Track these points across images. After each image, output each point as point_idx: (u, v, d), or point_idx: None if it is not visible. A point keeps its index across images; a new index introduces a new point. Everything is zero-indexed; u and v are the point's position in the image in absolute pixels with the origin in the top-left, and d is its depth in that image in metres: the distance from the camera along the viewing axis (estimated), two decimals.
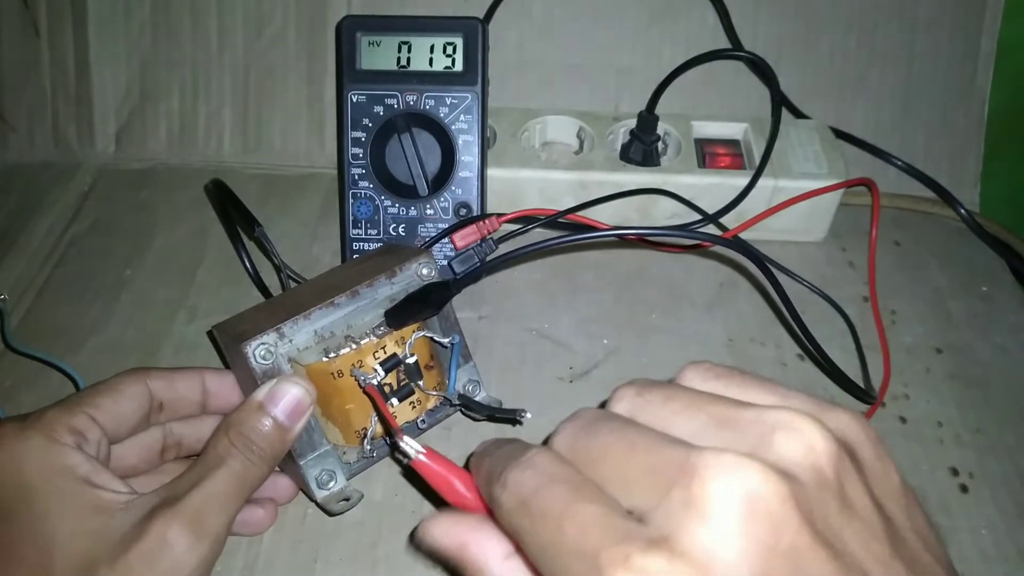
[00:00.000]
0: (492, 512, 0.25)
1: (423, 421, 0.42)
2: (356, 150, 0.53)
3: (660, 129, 0.59)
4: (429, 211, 0.53)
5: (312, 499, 0.40)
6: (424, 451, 0.35)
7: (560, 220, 0.52)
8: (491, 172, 0.54)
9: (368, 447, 0.41)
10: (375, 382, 0.38)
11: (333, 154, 0.64)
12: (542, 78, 0.65)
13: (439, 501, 0.36)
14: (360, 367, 0.39)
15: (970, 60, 0.64)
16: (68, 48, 0.64)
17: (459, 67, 0.53)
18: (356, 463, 0.42)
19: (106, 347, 0.51)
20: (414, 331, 0.41)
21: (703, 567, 0.20)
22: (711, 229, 0.56)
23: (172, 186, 0.63)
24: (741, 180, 0.56)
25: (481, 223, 0.50)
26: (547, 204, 0.56)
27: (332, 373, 0.39)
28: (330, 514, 0.41)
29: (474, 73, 0.52)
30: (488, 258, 0.49)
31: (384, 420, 0.39)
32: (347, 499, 0.40)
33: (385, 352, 0.40)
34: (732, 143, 0.60)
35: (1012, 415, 0.49)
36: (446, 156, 0.53)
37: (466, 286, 0.40)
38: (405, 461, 0.31)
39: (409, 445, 0.35)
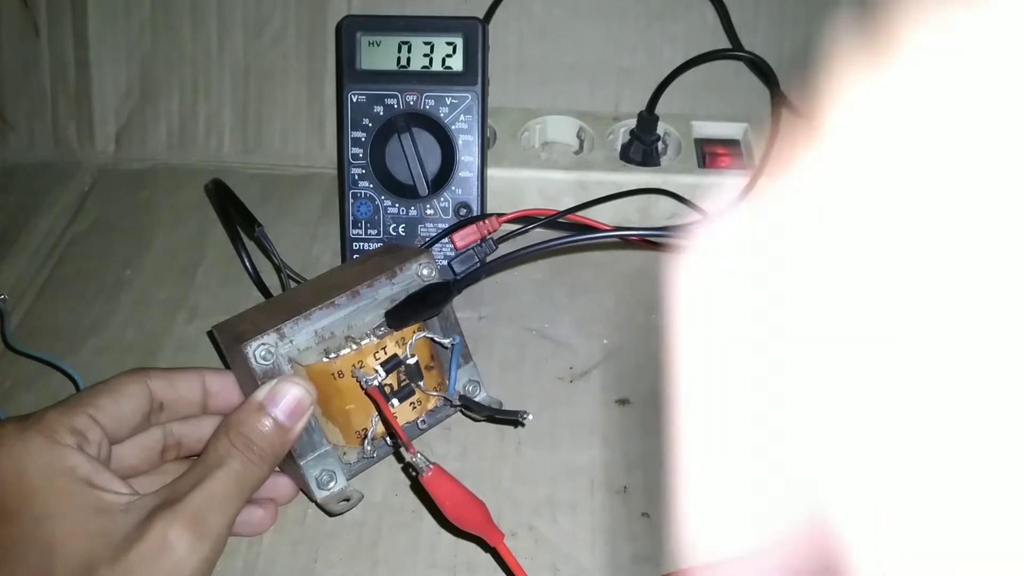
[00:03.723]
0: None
1: (423, 422, 0.42)
2: (356, 150, 0.53)
3: (660, 129, 0.59)
4: (429, 211, 0.53)
5: (312, 499, 0.40)
6: (433, 467, 0.35)
7: (560, 220, 0.52)
8: (491, 172, 0.54)
9: (368, 447, 0.41)
10: (376, 383, 0.38)
11: (333, 154, 0.64)
12: (542, 78, 0.65)
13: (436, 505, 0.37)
14: (361, 368, 0.39)
15: None
16: (68, 48, 0.64)
17: (459, 67, 0.53)
18: (356, 463, 0.42)
19: (106, 347, 0.51)
20: (415, 332, 0.41)
21: None
22: None
23: (172, 186, 0.63)
24: (741, 180, 0.56)
25: (481, 223, 0.50)
26: (547, 204, 0.56)
27: (332, 374, 0.39)
28: (330, 514, 0.41)
29: (474, 73, 0.52)
30: (488, 259, 0.49)
31: (391, 428, 0.39)
32: (347, 499, 0.40)
33: (386, 353, 0.40)
34: (732, 143, 0.60)
35: None
36: (446, 156, 0.53)
37: (467, 286, 0.40)
38: (413, 474, 0.31)
39: (419, 460, 0.35)
